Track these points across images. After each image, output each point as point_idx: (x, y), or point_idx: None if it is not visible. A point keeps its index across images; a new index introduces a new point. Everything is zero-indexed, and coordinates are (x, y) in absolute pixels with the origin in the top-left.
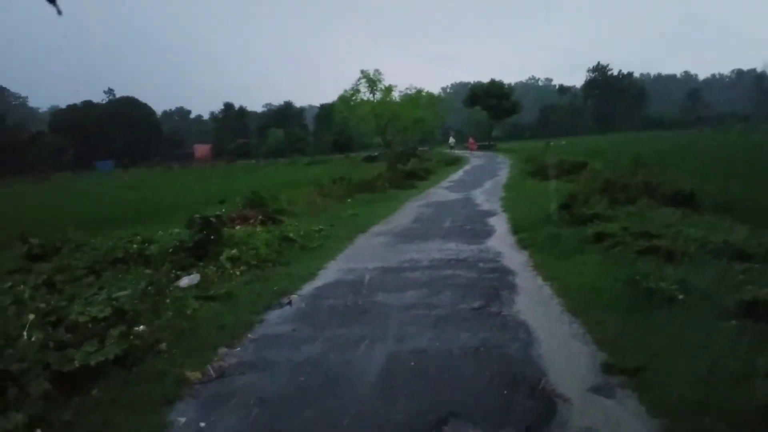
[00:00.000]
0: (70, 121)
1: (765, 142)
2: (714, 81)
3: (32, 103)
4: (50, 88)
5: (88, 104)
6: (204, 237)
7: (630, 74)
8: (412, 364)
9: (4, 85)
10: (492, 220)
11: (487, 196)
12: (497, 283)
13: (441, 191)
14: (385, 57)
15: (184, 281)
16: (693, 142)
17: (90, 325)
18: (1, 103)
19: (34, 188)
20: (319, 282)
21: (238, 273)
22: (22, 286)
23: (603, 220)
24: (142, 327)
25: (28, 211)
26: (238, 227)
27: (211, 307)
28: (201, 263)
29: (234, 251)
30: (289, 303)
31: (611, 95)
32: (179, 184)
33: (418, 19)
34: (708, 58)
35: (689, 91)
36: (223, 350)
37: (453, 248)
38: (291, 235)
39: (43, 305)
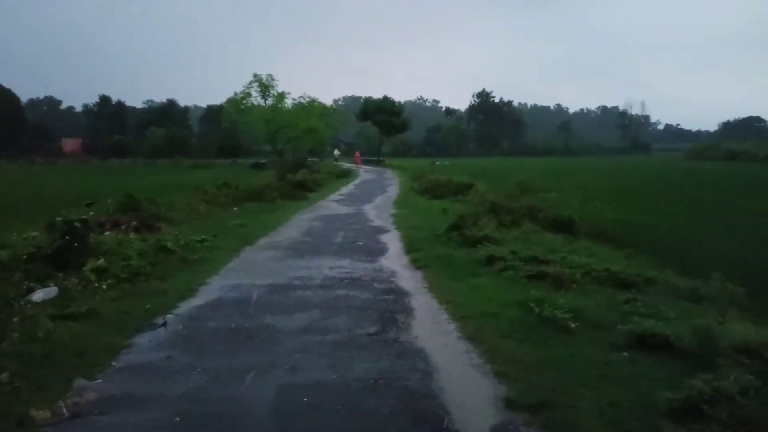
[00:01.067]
0: None
1: (627, 172)
2: (582, 115)
3: None
4: None
5: None
6: (66, 244)
7: (510, 102)
8: (306, 399)
9: None
10: (385, 237)
11: (378, 212)
12: (393, 305)
13: (332, 204)
14: (277, 63)
15: (38, 295)
16: (567, 169)
17: None
18: None
19: None
20: (199, 300)
21: (104, 287)
22: None
23: (492, 243)
24: None
25: None
26: (107, 233)
27: (69, 328)
28: (61, 274)
29: (101, 261)
30: (164, 324)
31: (493, 121)
32: (43, 181)
33: (312, 28)
34: (578, 94)
35: (561, 123)
36: (80, 382)
37: (346, 266)
38: (169, 244)
39: None
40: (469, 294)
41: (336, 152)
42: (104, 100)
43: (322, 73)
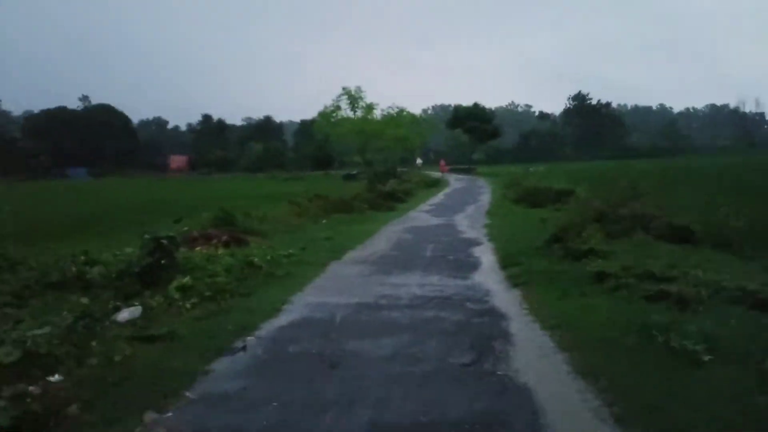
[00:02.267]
0: (44, 127)
1: (747, 172)
2: (689, 114)
3: (5, 106)
4: (25, 91)
5: (62, 110)
6: (154, 261)
7: (608, 104)
8: None
9: None
10: (477, 251)
11: (470, 222)
12: (489, 330)
13: (421, 215)
14: (367, 75)
15: (123, 315)
16: (677, 172)
17: None
18: None
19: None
20: (282, 320)
21: (188, 306)
22: None
23: (600, 256)
24: (57, 377)
25: None
26: (198, 248)
27: (147, 352)
28: (148, 292)
29: (186, 279)
30: (244, 348)
31: (590, 123)
32: (151, 195)
33: (400, 39)
34: (683, 93)
35: (666, 122)
36: (151, 416)
37: (436, 283)
38: (256, 260)
39: None
40: (578, 317)
41: (419, 161)
42: (206, 118)
43: (411, 82)
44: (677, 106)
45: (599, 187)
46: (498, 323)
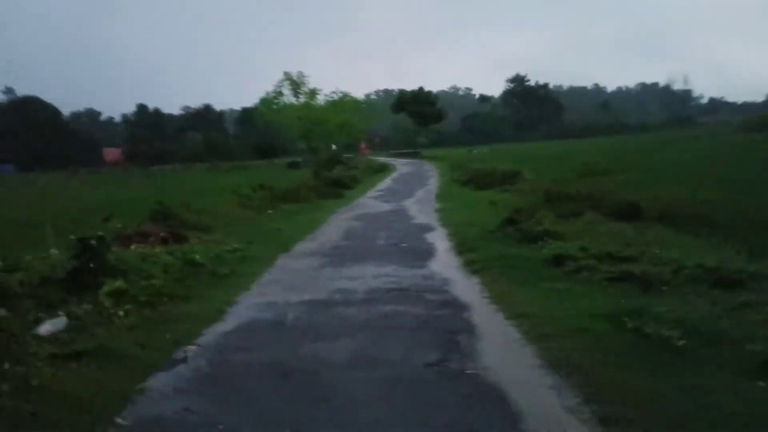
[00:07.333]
0: None
1: (683, 146)
2: (621, 93)
3: None
4: None
5: None
6: (81, 264)
7: (545, 85)
8: None
9: None
10: (431, 236)
11: (420, 207)
12: (452, 323)
13: (370, 201)
14: (308, 60)
15: (46, 327)
16: (617, 149)
17: None
18: None
19: None
20: (228, 324)
21: (121, 314)
22: None
23: (554, 238)
24: None
25: None
26: (134, 247)
27: (72, 372)
28: (76, 299)
29: (119, 283)
30: (185, 359)
31: (529, 105)
32: (82, 193)
33: (342, 23)
34: (615, 72)
35: (601, 102)
36: None
37: (392, 273)
38: (197, 257)
39: None
40: (541, 304)
41: (333, 147)
42: (142, 108)
43: (354, 68)
44: (610, 86)
45: (542, 167)
46: (460, 314)
